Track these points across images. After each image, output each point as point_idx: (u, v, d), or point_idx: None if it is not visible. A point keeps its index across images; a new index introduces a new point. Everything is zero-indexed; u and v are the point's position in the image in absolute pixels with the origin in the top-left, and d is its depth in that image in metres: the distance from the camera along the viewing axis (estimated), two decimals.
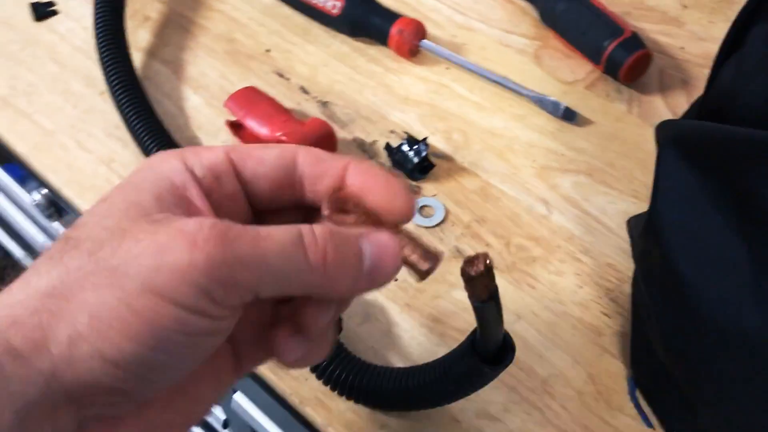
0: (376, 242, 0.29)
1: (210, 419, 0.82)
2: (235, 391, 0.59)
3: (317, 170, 0.31)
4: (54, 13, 0.67)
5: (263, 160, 0.31)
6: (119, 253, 0.26)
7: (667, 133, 0.40)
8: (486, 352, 0.38)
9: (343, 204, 0.31)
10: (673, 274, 0.37)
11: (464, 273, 0.31)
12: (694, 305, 0.36)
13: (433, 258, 0.31)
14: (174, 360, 0.27)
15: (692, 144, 0.38)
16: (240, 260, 0.25)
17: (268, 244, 0.26)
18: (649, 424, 0.45)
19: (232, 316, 0.27)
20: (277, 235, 0.27)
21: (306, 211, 0.33)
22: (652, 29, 0.65)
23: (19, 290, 0.26)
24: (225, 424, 0.73)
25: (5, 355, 0.24)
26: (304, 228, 0.28)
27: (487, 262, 0.30)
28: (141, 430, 0.29)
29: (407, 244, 0.31)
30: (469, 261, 0.31)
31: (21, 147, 0.58)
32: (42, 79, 0.63)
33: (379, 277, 0.29)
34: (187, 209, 0.28)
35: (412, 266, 0.31)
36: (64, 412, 0.26)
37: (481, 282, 0.31)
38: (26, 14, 0.67)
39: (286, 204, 0.32)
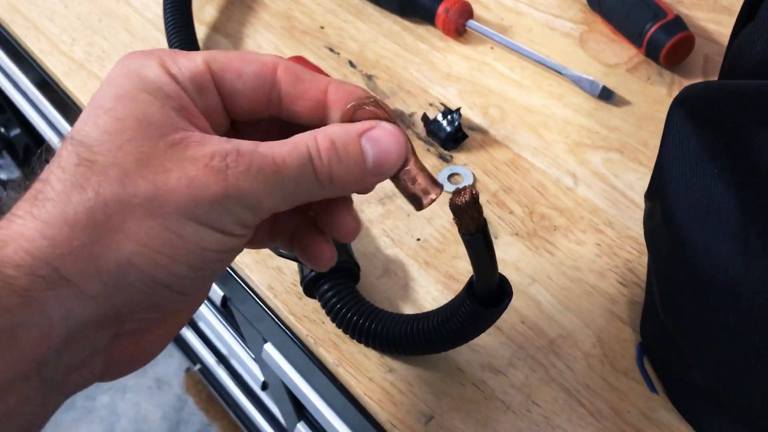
0: (376, 138, 0.31)
1: (248, 380, 0.86)
2: (266, 341, 0.62)
3: (296, 90, 0.32)
4: None
5: (242, 75, 0.31)
6: (154, 184, 0.27)
7: (678, 96, 0.41)
8: (483, 294, 0.39)
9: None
10: (672, 227, 0.38)
11: (452, 203, 0.32)
12: (688, 257, 0.37)
13: (437, 187, 0.33)
14: (209, 274, 0.30)
15: (697, 102, 0.38)
16: (264, 188, 0.29)
17: (285, 170, 0.29)
18: (654, 390, 0.45)
19: (252, 231, 0.31)
20: (289, 158, 0.29)
21: (281, 121, 0.33)
22: (702, 17, 0.65)
23: (54, 220, 0.27)
24: (264, 386, 0.76)
25: (57, 282, 0.26)
26: (311, 147, 0.30)
27: (474, 192, 0.32)
28: (162, 335, 0.32)
29: (417, 172, 0.32)
30: (457, 192, 0.32)
31: None
32: (114, 47, 0.68)
33: (384, 170, 0.31)
34: (189, 118, 0.30)
35: (414, 195, 0.33)
36: (104, 330, 0.28)
37: (468, 213, 0.33)
38: None
39: (261, 116, 0.33)
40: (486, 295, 0.39)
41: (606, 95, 0.59)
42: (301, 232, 0.35)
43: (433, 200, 0.33)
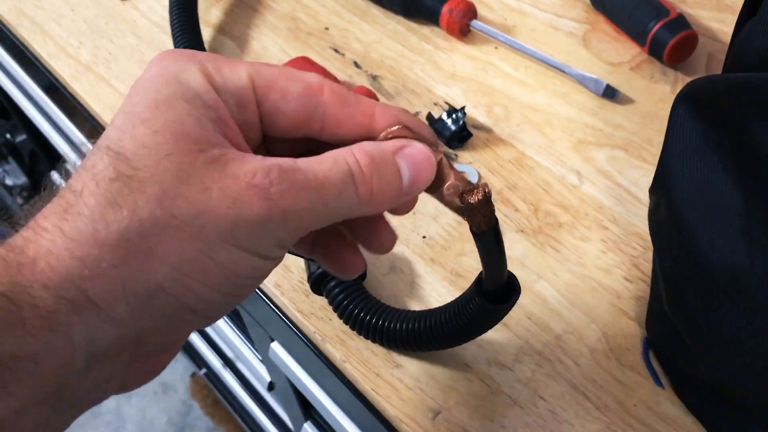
0: (411, 157, 0.30)
1: (254, 382, 0.86)
2: (272, 340, 0.62)
3: (342, 114, 0.30)
4: None
5: (287, 95, 0.30)
6: (194, 204, 0.26)
7: (681, 91, 0.41)
8: (491, 290, 0.39)
9: None
10: (676, 221, 0.38)
11: (465, 202, 0.32)
12: (693, 250, 0.37)
13: (479, 193, 0.32)
14: (237, 300, 0.30)
15: (700, 96, 0.39)
16: (306, 206, 0.27)
17: (327, 187, 0.28)
18: (660, 384, 0.45)
19: (285, 253, 0.30)
20: (331, 175, 0.28)
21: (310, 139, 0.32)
22: (705, 15, 0.65)
23: (84, 238, 0.25)
24: (270, 387, 0.76)
25: (84, 305, 0.25)
26: (351, 162, 0.29)
27: (486, 191, 0.32)
28: (176, 351, 0.32)
29: (458, 183, 0.32)
30: (470, 191, 0.32)
31: (97, 106, 0.64)
32: (121, 50, 0.68)
33: (415, 190, 0.31)
34: (226, 133, 0.28)
35: (460, 207, 0.32)
36: (125, 354, 0.27)
37: (479, 211, 0.32)
38: None
39: (297, 136, 0.31)
40: (494, 291, 0.39)
41: (610, 93, 0.59)
42: (324, 240, 0.34)
43: (478, 201, 0.32)
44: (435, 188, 0.32)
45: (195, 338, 1.21)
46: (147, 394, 1.62)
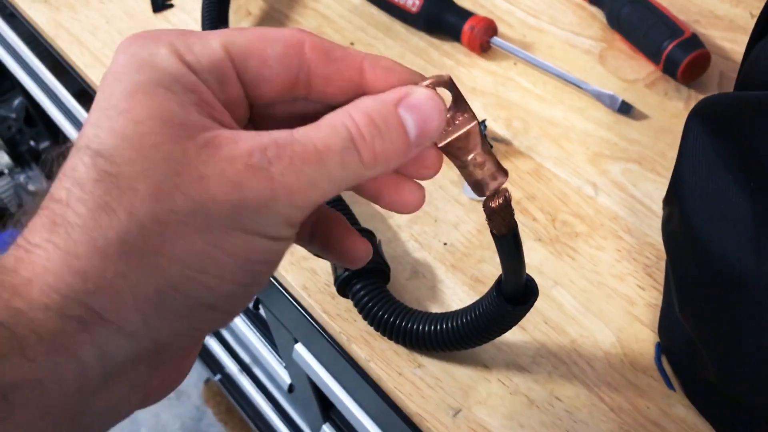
0: (415, 106, 0.27)
1: (269, 384, 0.88)
2: (296, 342, 0.64)
3: (328, 70, 0.28)
4: (170, 6, 0.76)
5: (267, 59, 0.27)
6: (192, 196, 0.24)
7: (695, 107, 0.43)
8: (510, 292, 0.42)
9: None
10: (689, 230, 0.40)
11: (485, 206, 0.34)
12: (704, 258, 0.39)
13: (503, 174, 0.32)
14: (255, 289, 0.27)
15: (713, 112, 0.41)
16: (310, 180, 0.26)
17: (329, 156, 0.26)
18: (671, 387, 0.47)
19: (297, 229, 0.27)
20: (331, 143, 0.26)
21: (303, 100, 0.29)
22: (718, 36, 0.68)
23: (82, 251, 0.23)
24: (290, 389, 0.78)
25: (91, 322, 0.23)
26: (350, 125, 0.27)
27: (507, 196, 0.34)
28: (193, 359, 0.30)
29: (485, 157, 0.31)
30: (491, 195, 0.34)
31: None
32: None
33: (425, 140, 0.28)
34: (212, 114, 0.26)
35: (479, 181, 0.31)
36: (143, 364, 0.26)
37: (500, 215, 0.34)
38: (147, 6, 0.77)
39: (285, 100, 0.29)
40: (513, 293, 0.42)
41: (625, 109, 0.62)
42: (322, 228, 0.32)
43: (497, 187, 0.32)
44: (460, 155, 0.31)
45: (212, 343, 1.23)
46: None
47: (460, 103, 0.31)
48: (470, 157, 0.31)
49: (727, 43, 0.67)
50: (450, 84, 0.30)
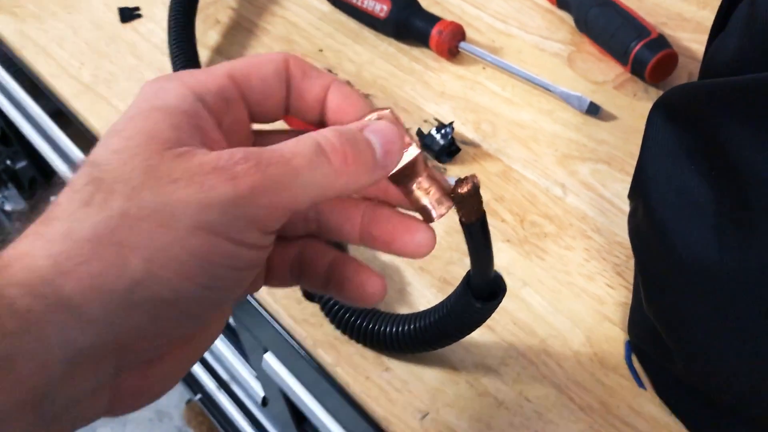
0: (378, 131, 0.30)
1: (246, 400, 0.86)
2: (266, 351, 0.63)
3: (303, 85, 0.31)
4: (138, 16, 0.76)
5: (266, 78, 0.30)
6: (161, 195, 0.26)
7: (657, 100, 0.43)
8: (479, 288, 0.41)
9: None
10: (652, 222, 0.40)
11: (455, 193, 0.34)
12: (668, 247, 0.39)
13: (447, 203, 0.32)
14: (220, 295, 0.28)
15: (674, 103, 0.41)
16: (279, 182, 0.27)
17: (297, 161, 0.27)
18: (642, 386, 0.46)
19: (270, 244, 0.29)
20: (299, 149, 0.28)
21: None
22: (686, 37, 0.68)
23: (59, 237, 0.25)
24: (264, 402, 0.77)
25: (57, 305, 0.24)
26: (318, 137, 0.28)
27: (475, 182, 0.34)
28: (170, 371, 0.30)
29: (431, 183, 0.32)
30: (460, 182, 0.34)
31: (97, 123, 0.66)
32: (121, 70, 0.70)
33: (389, 163, 0.30)
34: (203, 139, 0.28)
35: (425, 207, 0.32)
36: (107, 361, 0.26)
37: (469, 202, 0.34)
38: (114, 17, 0.76)
39: (278, 118, 0.32)
40: (482, 289, 0.41)
41: (593, 110, 0.61)
42: (338, 269, 0.33)
43: (443, 214, 0.32)
44: (406, 180, 0.32)
45: None
46: (142, 422, 1.62)
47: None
48: (415, 184, 0.32)
49: (694, 44, 0.67)
50: (392, 116, 0.31)
